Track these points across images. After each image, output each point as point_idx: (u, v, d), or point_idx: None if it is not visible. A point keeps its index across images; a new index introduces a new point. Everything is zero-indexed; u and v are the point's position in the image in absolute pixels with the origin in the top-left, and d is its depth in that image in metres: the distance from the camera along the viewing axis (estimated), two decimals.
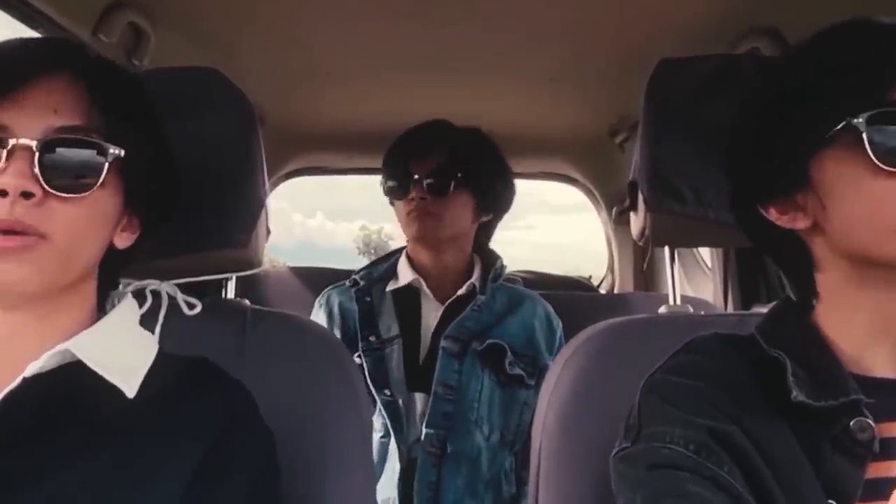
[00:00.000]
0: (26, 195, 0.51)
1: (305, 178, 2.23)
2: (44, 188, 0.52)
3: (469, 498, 1.19)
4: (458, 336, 1.23)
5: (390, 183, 1.31)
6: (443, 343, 1.22)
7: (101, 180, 0.55)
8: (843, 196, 0.55)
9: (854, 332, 0.58)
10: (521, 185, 1.47)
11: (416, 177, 1.26)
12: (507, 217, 1.42)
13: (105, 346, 0.57)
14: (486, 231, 1.38)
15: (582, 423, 0.74)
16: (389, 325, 1.27)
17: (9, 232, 0.50)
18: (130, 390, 0.55)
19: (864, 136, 0.52)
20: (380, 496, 1.16)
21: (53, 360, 0.54)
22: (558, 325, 1.31)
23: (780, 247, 0.63)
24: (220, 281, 0.88)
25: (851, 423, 0.54)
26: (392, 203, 1.36)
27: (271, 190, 2.01)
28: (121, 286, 0.81)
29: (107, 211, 0.58)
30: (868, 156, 0.52)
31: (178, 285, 0.81)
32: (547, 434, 0.75)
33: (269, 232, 0.86)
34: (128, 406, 0.55)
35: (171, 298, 0.80)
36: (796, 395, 0.55)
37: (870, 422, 0.54)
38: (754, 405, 0.56)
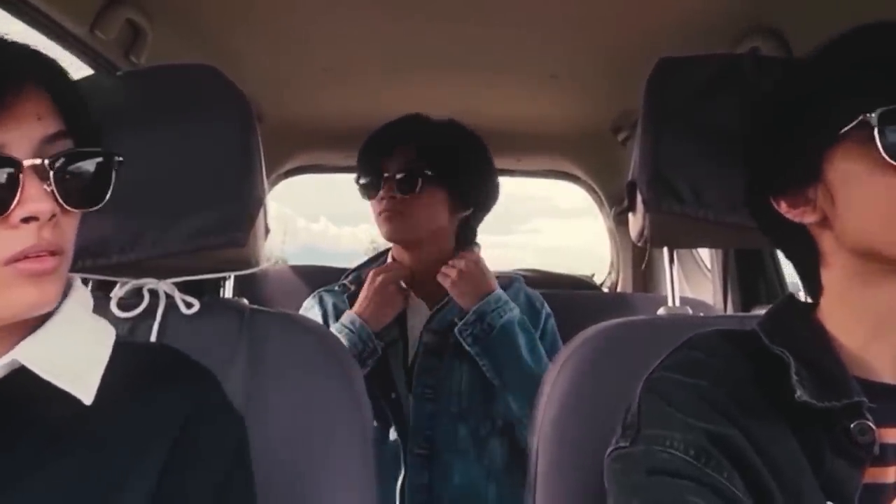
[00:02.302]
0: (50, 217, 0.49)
1: (308, 182, 2.22)
2: (62, 206, 0.50)
3: (469, 494, 1.18)
4: (438, 329, 1.22)
5: (362, 181, 1.29)
6: (424, 338, 1.21)
7: (110, 189, 0.54)
8: (853, 192, 0.55)
9: (857, 332, 0.58)
10: (527, 188, 1.45)
11: (385, 175, 1.23)
12: (512, 221, 1.41)
13: (55, 349, 0.53)
14: (469, 225, 1.33)
15: (578, 426, 0.74)
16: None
17: (42, 254, 0.49)
18: (87, 397, 0.52)
19: (876, 132, 0.51)
20: None
21: (1, 371, 0.51)
22: (543, 305, 1.29)
23: (788, 240, 0.62)
24: (218, 280, 0.88)
25: (852, 426, 0.53)
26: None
27: (270, 189, 2.01)
28: (118, 286, 0.81)
29: None
30: (880, 152, 0.51)
31: (176, 284, 0.81)
32: (543, 436, 0.75)
33: (268, 231, 0.86)
34: (87, 409, 0.52)
35: (169, 297, 0.80)
36: (800, 394, 0.54)
37: (871, 425, 0.53)
38: (755, 404, 0.56)
